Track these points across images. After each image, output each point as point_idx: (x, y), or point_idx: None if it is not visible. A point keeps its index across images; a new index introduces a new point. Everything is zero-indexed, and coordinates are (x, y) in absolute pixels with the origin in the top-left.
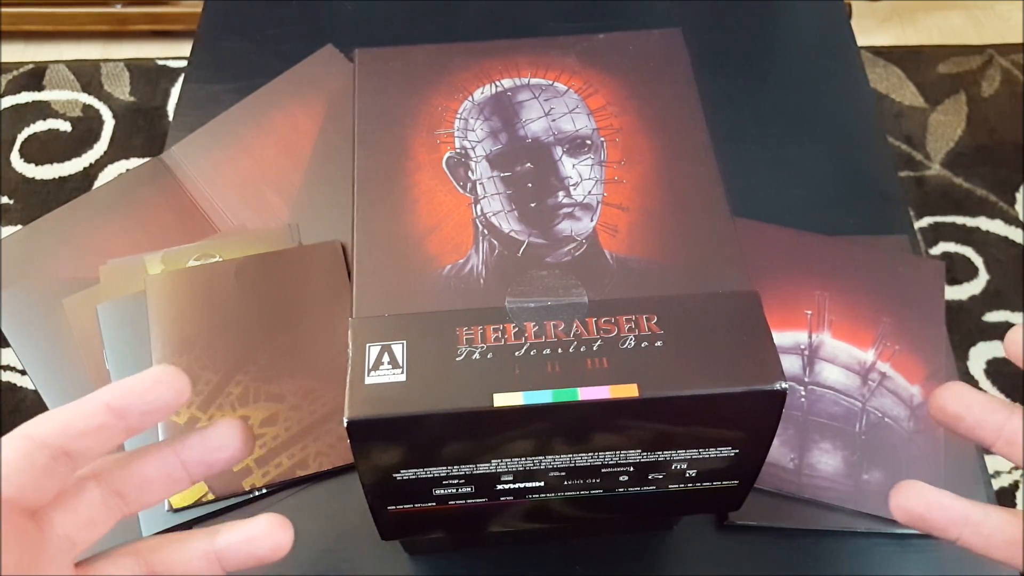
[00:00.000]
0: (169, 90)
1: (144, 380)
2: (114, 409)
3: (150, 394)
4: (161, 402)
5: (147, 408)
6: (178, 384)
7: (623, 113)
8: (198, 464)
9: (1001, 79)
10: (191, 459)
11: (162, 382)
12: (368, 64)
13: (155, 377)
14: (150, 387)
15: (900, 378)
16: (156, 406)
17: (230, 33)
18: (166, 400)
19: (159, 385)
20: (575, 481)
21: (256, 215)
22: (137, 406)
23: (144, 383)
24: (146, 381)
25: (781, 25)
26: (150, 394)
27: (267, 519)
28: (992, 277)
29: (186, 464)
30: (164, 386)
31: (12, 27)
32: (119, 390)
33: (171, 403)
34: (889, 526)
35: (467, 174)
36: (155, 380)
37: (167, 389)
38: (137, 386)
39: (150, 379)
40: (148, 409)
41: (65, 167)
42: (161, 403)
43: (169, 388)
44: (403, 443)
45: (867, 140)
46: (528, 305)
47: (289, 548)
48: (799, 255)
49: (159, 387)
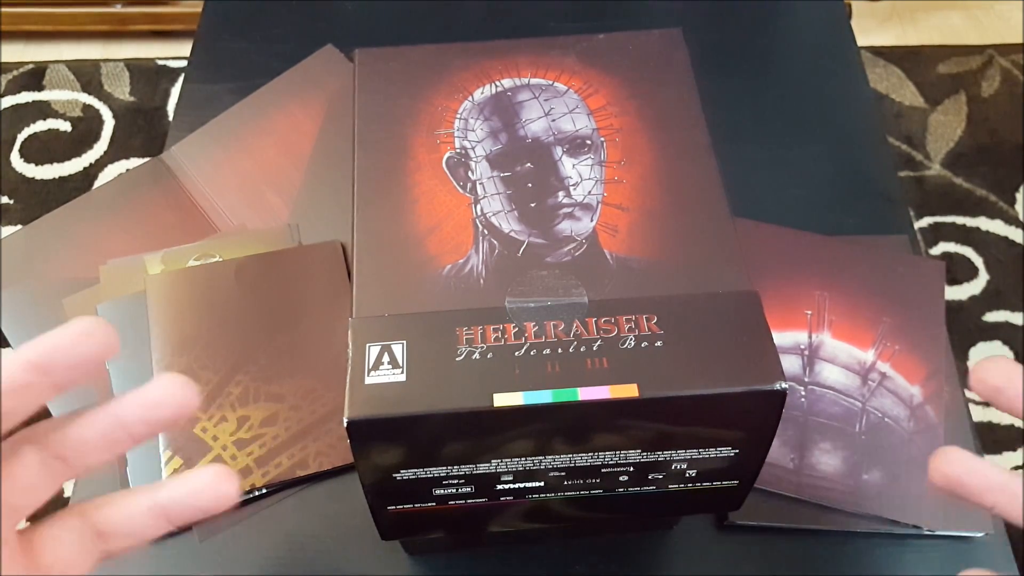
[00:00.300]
0: (169, 90)
1: (69, 332)
2: (37, 365)
3: (76, 347)
4: (87, 355)
5: (73, 362)
6: (105, 336)
7: (623, 113)
8: (138, 423)
9: (1001, 79)
10: (130, 418)
11: (88, 333)
12: (368, 64)
13: (80, 329)
14: (75, 339)
15: (900, 378)
16: (82, 359)
17: (230, 33)
18: (92, 352)
19: (85, 337)
20: (575, 481)
21: (256, 215)
22: (62, 360)
23: (69, 336)
24: (71, 333)
25: (781, 25)
26: (76, 347)
27: (211, 469)
28: (992, 277)
29: (125, 424)
30: (90, 338)
31: (12, 27)
32: (42, 345)
33: (97, 355)
34: (889, 526)
35: (467, 174)
36: (80, 332)
37: (93, 341)
38: (61, 340)
39: (75, 331)
40: (74, 363)
41: (65, 167)
42: (87, 356)
43: (96, 340)
44: (403, 443)
45: (867, 140)
46: (528, 305)
47: (235, 499)
48: (799, 255)
49: (85, 338)
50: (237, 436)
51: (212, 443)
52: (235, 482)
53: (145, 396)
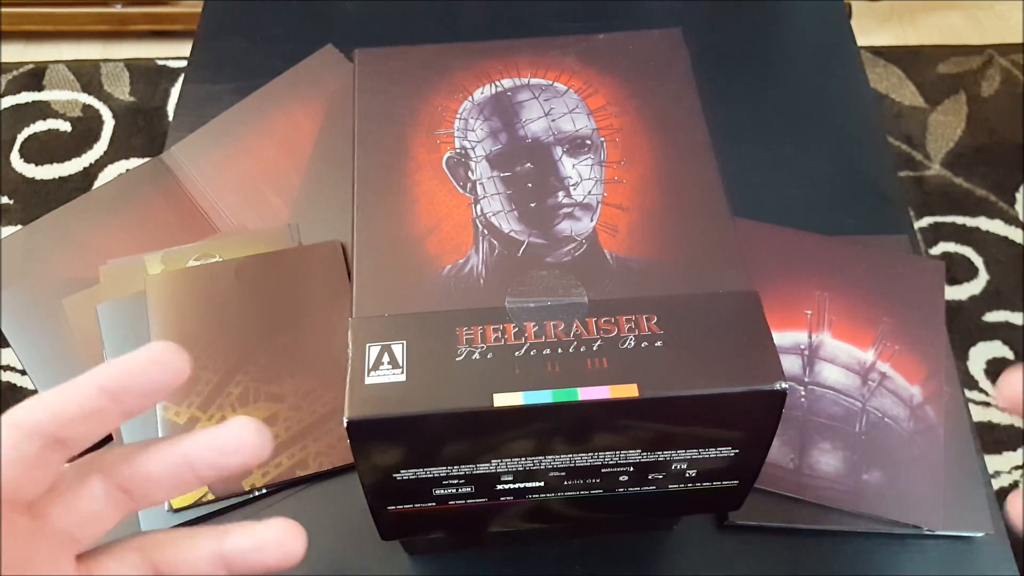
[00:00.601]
0: (169, 90)
1: (139, 359)
2: (109, 392)
3: (147, 374)
4: (159, 382)
5: (144, 390)
6: (177, 362)
7: (623, 113)
8: (207, 467)
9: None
10: (200, 460)
11: (159, 361)
12: (368, 64)
13: (150, 356)
14: (146, 366)
15: (900, 378)
16: (154, 387)
17: (230, 33)
18: (164, 380)
19: (156, 365)
20: (575, 481)
21: (256, 215)
22: (134, 388)
23: (140, 362)
24: (141, 360)
25: (781, 25)
26: (147, 374)
27: (279, 525)
28: (992, 277)
29: (194, 466)
30: (161, 366)
31: (12, 27)
32: (114, 371)
33: (169, 383)
34: (889, 526)
35: (467, 174)
36: (150, 359)
37: (165, 369)
38: (133, 366)
39: (145, 358)
40: (145, 391)
41: (65, 167)
42: (159, 383)
43: (167, 367)
44: (403, 443)
45: (867, 140)
46: (528, 305)
47: (301, 556)
48: (799, 255)
49: (156, 367)
50: None
51: None
52: (302, 538)
53: (218, 440)
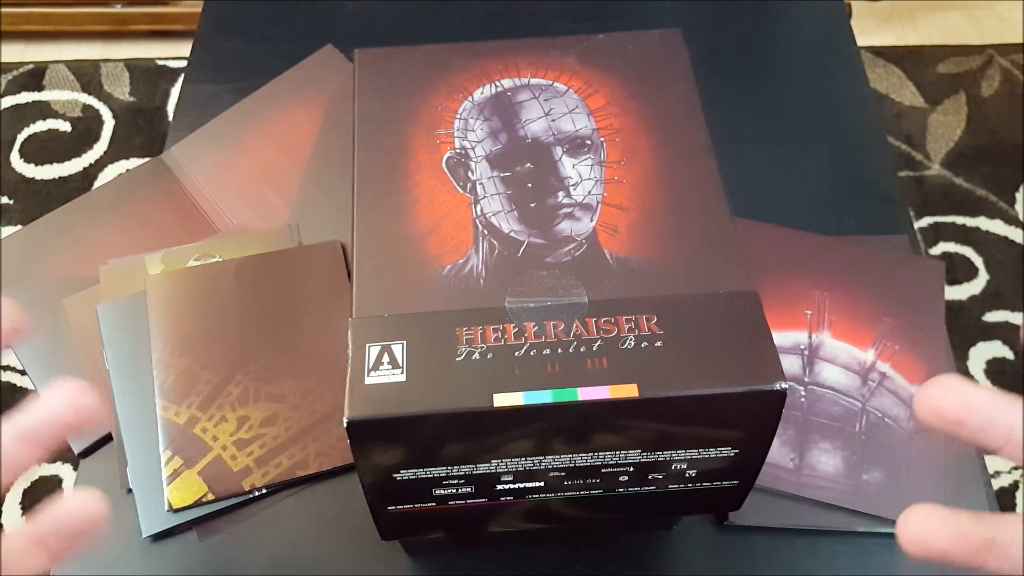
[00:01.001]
0: (169, 90)
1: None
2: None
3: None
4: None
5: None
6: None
7: (623, 113)
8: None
9: (1001, 79)
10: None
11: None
12: (368, 64)
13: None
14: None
15: (900, 378)
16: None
17: (230, 33)
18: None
19: None
20: (575, 481)
21: (256, 215)
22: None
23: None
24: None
25: (781, 25)
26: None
27: (66, 386)
28: (992, 277)
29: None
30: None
31: (12, 27)
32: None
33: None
34: (889, 526)
35: (467, 174)
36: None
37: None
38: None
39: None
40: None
41: (65, 167)
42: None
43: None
44: (403, 443)
45: (867, 140)
46: (528, 305)
47: (98, 412)
48: (799, 255)
49: None
50: (237, 436)
51: (212, 443)
52: (94, 394)
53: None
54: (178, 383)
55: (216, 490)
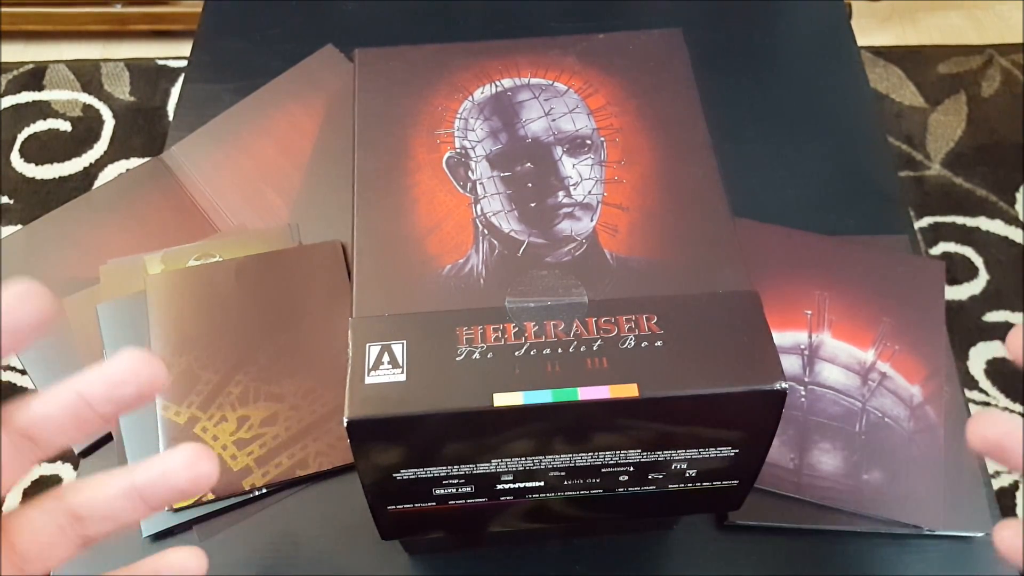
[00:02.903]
0: (169, 90)
1: (119, 368)
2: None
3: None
4: (135, 393)
5: (121, 398)
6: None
7: (623, 113)
8: (102, 401)
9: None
10: (93, 395)
11: (137, 371)
12: (368, 64)
13: (131, 366)
14: (126, 375)
15: (900, 378)
16: (130, 398)
17: (230, 33)
18: (141, 391)
19: (133, 375)
20: (575, 481)
21: (256, 215)
22: (112, 396)
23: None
24: (121, 369)
25: (781, 25)
26: (126, 384)
27: (187, 449)
28: (992, 277)
29: (90, 401)
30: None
31: (12, 27)
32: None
33: (144, 394)
34: (889, 526)
35: (467, 174)
36: (130, 369)
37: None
38: (113, 375)
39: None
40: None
41: (65, 167)
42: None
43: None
44: (403, 443)
45: (867, 140)
46: (528, 305)
47: (214, 478)
48: (799, 255)
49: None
50: (237, 436)
51: (212, 443)
52: (212, 461)
53: (107, 372)
54: (178, 383)
55: (216, 490)
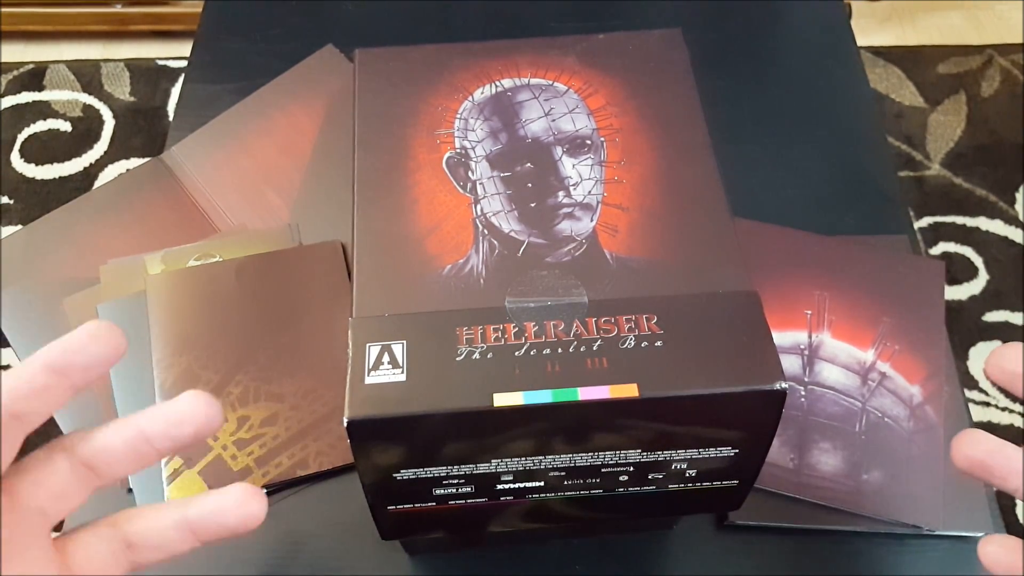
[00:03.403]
0: (169, 90)
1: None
2: (55, 368)
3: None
4: (99, 355)
5: (86, 364)
6: (112, 338)
7: (623, 113)
8: (162, 438)
9: (1001, 79)
10: (154, 433)
11: (96, 336)
12: (368, 64)
13: (89, 332)
14: (86, 343)
15: (900, 378)
16: (94, 361)
17: (230, 33)
18: (103, 353)
19: (94, 340)
20: (575, 481)
21: (256, 215)
22: (76, 363)
23: (80, 339)
24: (81, 338)
25: (781, 25)
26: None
27: (238, 489)
28: (992, 277)
29: (150, 438)
30: (99, 340)
31: (12, 27)
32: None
33: (108, 357)
34: (889, 526)
35: (467, 174)
36: (89, 335)
37: (103, 344)
38: (73, 344)
39: (84, 335)
40: (87, 365)
41: (65, 167)
42: (98, 357)
43: (104, 343)
44: (403, 443)
45: (867, 140)
46: (528, 305)
47: (262, 518)
48: (799, 255)
49: (95, 342)
50: (237, 436)
51: (212, 443)
52: (263, 502)
53: (169, 412)
54: (178, 383)
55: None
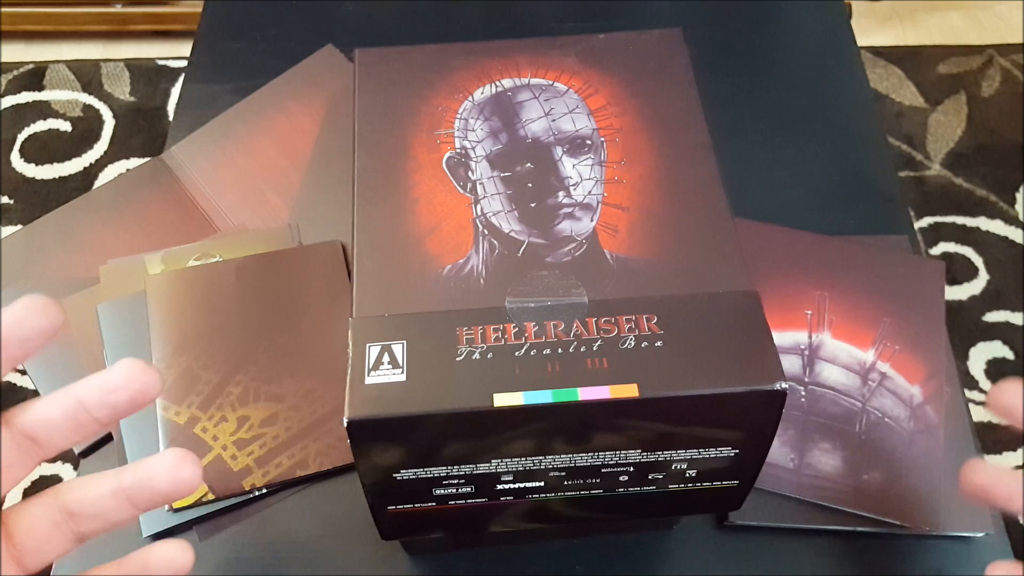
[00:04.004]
0: (169, 90)
1: (16, 309)
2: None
3: (25, 322)
4: (36, 328)
5: (24, 335)
6: (50, 311)
7: (623, 113)
8: (98, 406)
9: (1001, 79)
10: (90, 400)
11: (33, 309)
12: (368, 64)
13: (26, 305)
14: (24, 316)
15: (900, 378)
16: (32, 332)
17: (230, 33)
18: (41, 326)
19: (32, 312)
20: (575, 481)
21: (256, 215)
22: (15, 334)
23: (17, 312)
24: (18, 311)
25: (781, 25)
26: (25, 322)
27: (170, 453)
28: (992, 277)
29: (87, 406)
30: (36, 313)
31: (12, 27)
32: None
33: (47, 328)
34: (889, 526)
35: (467, 174)
36: (27, 308)
37: (40, 316)
38: (11, 316)
39: (22, 308)
40: (25, 336)
41: (65, 167)
42: (37, 329)
43: (42, 315)
44: (403, 443)
45: (867, 140)
46: (528, 305)
47: (195, 484)
48: (799, 255)
49: (32, 314)
50: (237, 436)
51: (212, 443)
52: (195, 466)
53: (104, 379)
54: (178, 383)
55: (216, 490)
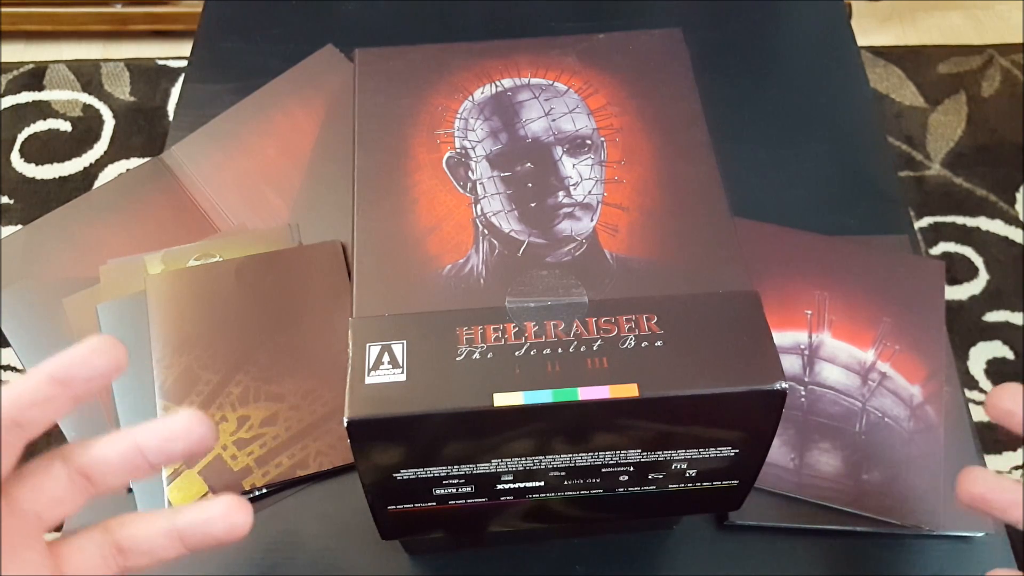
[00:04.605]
0: (169, 90)
1: (82, 350)
2: (58, 379)
3: (89, 363)
4: (99, 370)
5: (88, 375)
6: (115, 352)
7: (623, 113)
8: (155, 453)
9: (1001, 79)
10: (148, 446)
11: (99, 351)
12: (368, 64)
13: (92, 347)
14: (88, 356)
15: (900, 378)
16: (96, 373)
17: (230, 33)
18: (105, 367)
19: (96, 354)
20: (575, 481)
21: (256, 215)
22: (79, 375)
23: (82, 353)
24: (84, 351)
25: (781, 25)
26: (89, 363)
27: (225, 500)
28: (992, 277)
29: (144, 451)
30: (101, 354)
31: (12, 27)
32: (61, 362)
33: (109, 370)
34: (889, 526)
35: (467, 174)
36: (92, 350)
37: (105, 357)
38: (76, 356)
39: (87, 349)
40: (89, 376)
41: (65, 167)
42: (99, 371)
43: (106, 357)
44: (403, 443)
45: (867, 140)
46: (528, 305)
47: (247, 529)
48: (799, 255)
49: (97, 355)
50: (237, 436)
51: None
52: (248, 513)
53: (164, 428)
54: (178, 383)
55: (216, 489)
